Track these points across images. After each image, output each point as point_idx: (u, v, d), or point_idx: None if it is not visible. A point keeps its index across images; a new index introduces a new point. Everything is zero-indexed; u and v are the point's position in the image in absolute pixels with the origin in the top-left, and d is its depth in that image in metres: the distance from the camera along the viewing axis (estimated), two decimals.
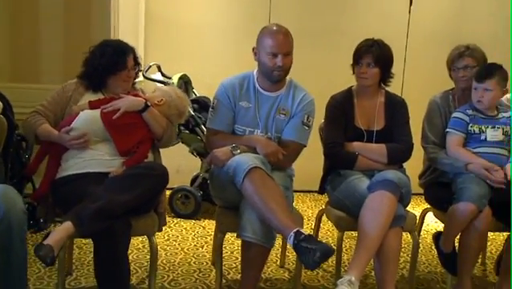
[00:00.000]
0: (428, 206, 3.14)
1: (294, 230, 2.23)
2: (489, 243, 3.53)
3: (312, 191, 4.51)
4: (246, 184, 2.36)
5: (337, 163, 2.84)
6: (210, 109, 2.78)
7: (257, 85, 2.74)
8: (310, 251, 2.15)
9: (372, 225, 2.45)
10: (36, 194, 2.62)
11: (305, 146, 2.74)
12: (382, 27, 4.12)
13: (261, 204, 2.33)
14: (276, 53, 2.60)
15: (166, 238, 3.49)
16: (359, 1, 4.58)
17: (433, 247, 3.51)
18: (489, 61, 2.92)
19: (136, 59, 2.75)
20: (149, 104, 2.64)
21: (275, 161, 2.58)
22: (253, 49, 2.72)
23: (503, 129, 2.81)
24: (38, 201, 2.69)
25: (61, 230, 2.19)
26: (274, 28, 2.67)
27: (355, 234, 2.54)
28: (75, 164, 2.51)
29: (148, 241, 2.52)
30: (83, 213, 2.20)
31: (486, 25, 4.51)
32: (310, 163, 3.08)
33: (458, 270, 2.76)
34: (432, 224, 3.91)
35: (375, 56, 2.77)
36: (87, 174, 2.48)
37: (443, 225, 3.80)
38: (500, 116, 2.85)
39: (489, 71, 2.79)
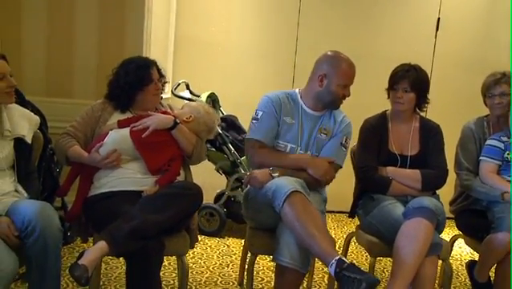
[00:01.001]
0: (458, 233, 3.10)
1: (336, 258, 2.19)
2: None
3: (334, 211, 4.53)
4: (286, 208, 2.32)
5: (370, 187, 2.81)
6: (253, 121, 2.68)
7: (301, 103, 2.73)
8: (354, 281, 2.10)
9: (409, 252, 2.41)
10: (69, 215, 2.59)
11: (341, 167, 2.72)
12: (408, 51, 4.12)
13: (301, 229, 2.29)
14: (348, 84, 2.66)
15: (192, 255, 3.46)
16: (386, 25, 4.57)
17: (460, 274, 3.49)
18: None
19: (159, 71, 2.74)
20: (178, 122, 2.62)
21: (330, 178, 2.62)
22: (319, 76, 2.66)
23: None
24: (71, 221, 2.67)
25: (95, 250, 2.17)
26: (347, 59, 2.69)
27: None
28: (108, 183, 2.50)
29: (175, 259, 2.49)
30: (117, 233, 2.19)
31: (509, 55, 4.49)
32: (332, 184, 3.03)
33: None
34: (456, 249, 3.86)
35: (411, 81, 2.76)
36: (120, 192, 2.47)
37: (469, 251, 3.80)
38: None
39: None
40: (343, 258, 2.20)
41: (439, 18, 4.55)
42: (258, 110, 2.68)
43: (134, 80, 2.63)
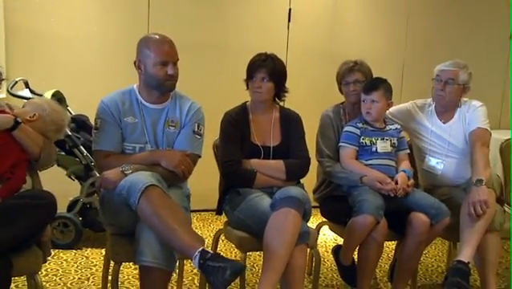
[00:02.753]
0: (323, 220, 3.16)
1: (199, 250, 2.10)
2: None
3: (200, 210, 4.41)
4: (143, 204, 2.17)
5: (235, 181, 2.74)
6: (94, 131, 2.56)
7: (140, 98, 2.58)
8: (219, 270, 2.04)
9: (278, 244, 2.38)
10: None
11: (200, 156, 2.63)
12: (262, 42, 4.09)
13: (160, 224, 2.16)
14: (166, 61, 2.49)
15: (44, 273, 3.10)
16: (239, 16, 4.54)
17: (326, 260, 3.58)
18: None
19: None
20: (20, 121, 2.33)
21: (186, 168, 2.48)
22: (134, 62, 2.55)
23: (391, 141, 2.92)
24: None
25: None
26: (158, 37, 2.54)
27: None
28: None
29: (25, 279, 2.23)
30: None
31: (356, 45, 4.73)
32: (196, 181, 2.91)
33: (358, 281, 2.80)
34: (321, 236, 3.96)
35: (269, 70, 2.73)
36: None
37: (332, 237, 3.92)
38: (387, 128, 2.96)
39: (375, 83, 2.90)
40: (206, 249, 2.11)
41: (290, 9, 4.62)
42: (96, 118, 2.54)
43: None
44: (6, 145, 2.29)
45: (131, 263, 2.91)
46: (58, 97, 3.55)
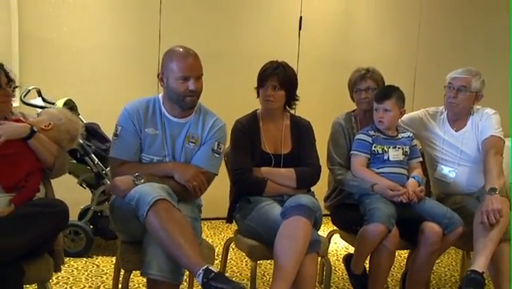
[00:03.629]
0: (334, 228, 3.14)
1: (203, 268, 2.08)
2: None
3: (210, 219, 4.40)
4: (151, 217, 2.16)
5: (246, 189, 2.73)
6: (113, 137, 2.54)
7: (163, 110, 2.55)
8: None
9: (289, 253, 2.37)
10: None
11: (216, 175, 2.58)
12: (273, 50, 4.12)
13: (167, 239, 2.14)
14: (188, 76, 2.43)
15: (55, 281, 3.11)
16: (250, 23, 4.56)
17: (337, 269, 3.56)
18: None
19: (7, 74, 2.40)
20: (36, 130, 2.34)
21: (198, 184, 2.44)
22: (158, 75, 2.53)
23: (403, 149, 2.90)
24: None
25: None
26: (183, 50, 2.49)
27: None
28: None
29: (36, 287, 2.23)
30: None
31: (367, 52, 4.73)
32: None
33: None
34: (332, 245, 3.93)
35: (280, 78, 2.73)
36: None
37: (344, 245, 3.90)
38: (400, 136, 2.94)
39: (387, 92, 2.88)
40: (211, 268, 2.09)
41: (301, 17, 4.63)
42: (118, 125, 2.52)
43: None
44: (20, 154, 2.30)
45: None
46: (70, 105, 3.58)
